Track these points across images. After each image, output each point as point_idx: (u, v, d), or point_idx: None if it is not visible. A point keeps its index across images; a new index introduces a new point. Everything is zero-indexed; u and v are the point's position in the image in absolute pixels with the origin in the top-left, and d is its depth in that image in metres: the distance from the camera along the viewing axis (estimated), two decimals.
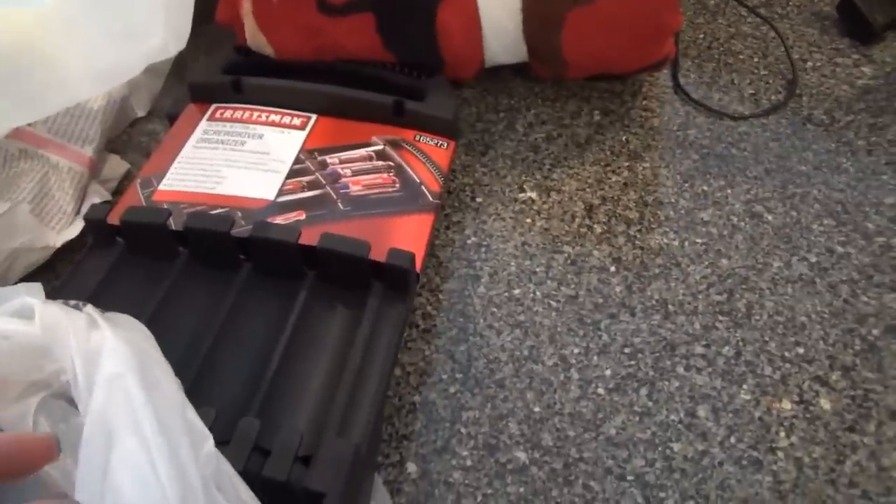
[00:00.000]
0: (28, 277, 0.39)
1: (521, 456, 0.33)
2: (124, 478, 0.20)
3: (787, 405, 0.34)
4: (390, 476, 0.33)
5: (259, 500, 0.24)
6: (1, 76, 0.34)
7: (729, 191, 0.44)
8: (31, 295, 0.25)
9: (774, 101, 0.50)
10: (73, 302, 0.26)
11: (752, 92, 0.50)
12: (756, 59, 0.53)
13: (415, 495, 0.32)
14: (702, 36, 0.55)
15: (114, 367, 0.23)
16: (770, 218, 0.42)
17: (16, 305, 0.24)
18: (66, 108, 0.40)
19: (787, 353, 0.36)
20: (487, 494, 0.32)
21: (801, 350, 0.36)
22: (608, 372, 0.36)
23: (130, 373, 0.22)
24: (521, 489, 0.32)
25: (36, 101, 0.34)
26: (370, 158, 0.41)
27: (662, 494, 0.32)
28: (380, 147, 0.42)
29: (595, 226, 0.42)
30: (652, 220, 0.42)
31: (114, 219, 0.36)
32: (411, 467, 0.33)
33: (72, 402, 0.24)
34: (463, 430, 0.34)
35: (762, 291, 0.39)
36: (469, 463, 0.33)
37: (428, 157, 0.41)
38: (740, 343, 0.37)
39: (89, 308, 0.26)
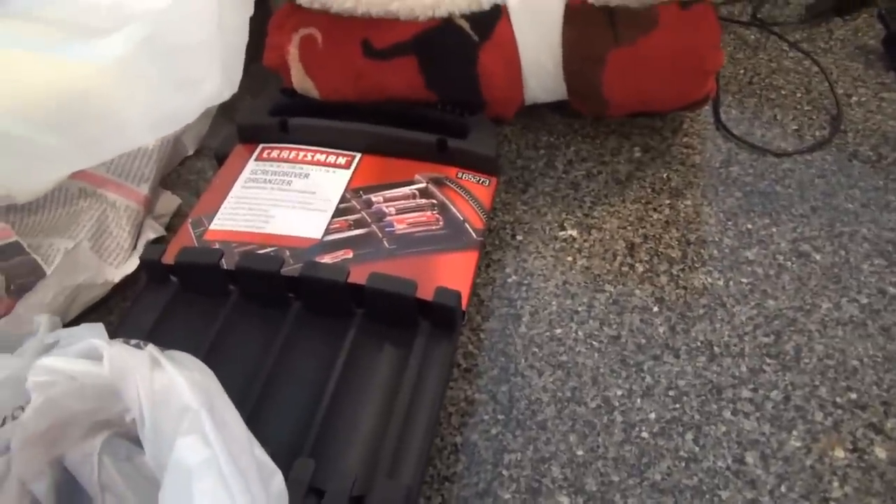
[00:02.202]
0: (86, 312, 0.40)
1: (565, 501, 0.33)
2: None
3: (840, 453, 0.33)
4: None
5: None
6: (67, 123, 0.35)
7: (774, 229, 0.43)
8: (96, 335, 0.27)
9: (819, 137, 0.49)
10: (134, 342, 0.27)
11: (796, 128, 0.50)
12: (799, 95, 0.52)
13: None
14: (742, 71, 0.55)
15: (187, 405, 0.23)
16: (818, 257, 0.42)
17: (83, 346, 0.26)
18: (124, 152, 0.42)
19: (838, 399, 0.35)
20: None
21: (853, 395, 0.35)
22: (652, 415, 0.35)
23: (202, 409, 0.23)
24: None
25: (98, 147, 0.36)
26: (414, 196, 0.42)
27: None
28: (423, 185, 0.42)
29: (637, 265, 0.42)
30: (695, 258, 0.42)
31: (168, 258, 0.37)
32: None
33: (136, 441, 0.25)
34: (505, 473, 0.34)
35: (811, 333, 0.38)
36: None
37: (471, 195, 0.42)
38: (789, 387, 0.36)
39: (150, 347, 0.26)
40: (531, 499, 0.33)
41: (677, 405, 0.36)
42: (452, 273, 0.37)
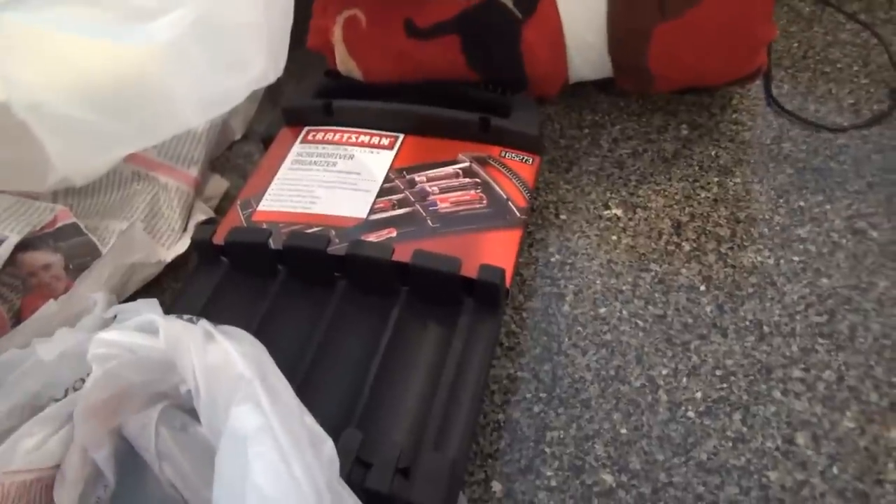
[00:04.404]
0: (140, 291, 0.42)
1: (608, 478, 0.33)
2: (264, 475, 0.22)
3: (895, 434, 0.32)
4: (475, 494, 0.33)
5: None
6: (118, 106, 0.36)
7: (828, 206, 0.42)
8: (151, 310, 0.28)
9: (877, 111, 0.47)
10: (187, 317, 0.28)
11: (852, 102, 0.48)
12: (856, 68, 0.50)
13: None
14: (796, 45, 0.53)
15: (240, 375, 0.24)
16: (875, 234, 0.40)
17: (140, 321, 0.27)
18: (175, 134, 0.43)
19: (894, 379, 0.34)
20: None
21: None
22: (699, 395, 0.35)
23: (256, 380, 0.24)
24: None
25: (150, 129, 0.37)
26: (457, 175, 0.42)
27: None
28: (466, 164, 0.42)
29: (683, 243, 0.41)
30: (744, 237, 0.41)
31: (218, 239, 0.38)
32: (496, 486, 0.33)
33: (191, 412, 0.26)
34: (547, 450, 0.34)
35: (867, 313, 0.37)
36: (554, 484, 0.33)
37: (514, 173, 0.42)
38: (842, 367, 0.35)
39: (203, 322, 0.27)
40: (574, 476, 0.33)
41: (724, 385, 0.35)
42: (496, 251, 0.37)
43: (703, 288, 0.39)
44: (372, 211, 0.40)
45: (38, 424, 0.29)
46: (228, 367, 0.25)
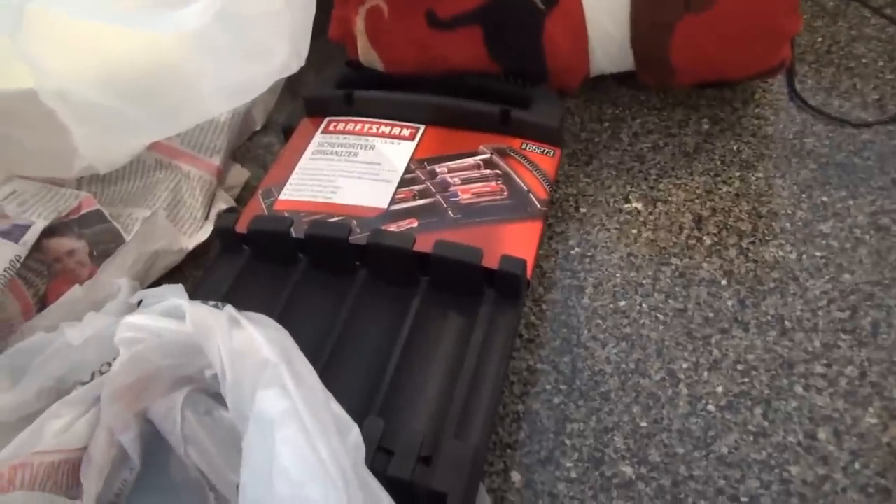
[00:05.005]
0: (162, 278, 0.42)
1: (628, 470, 0.33)
2: (291, 458, 0.22)
3: None
4: (494, 484, 0.33)
5: None
6: (144, 94, 0.37)
7: (851, 202, 0.42)
8: (176, 295, 0.28)
9: None
10: (212, 302, 0.28)
11: (877, 97, 0.47)
12: (881, 63, 0.50)
13: None
14: (820, 39, 0.52)
15: (266, 359, 0.24)
16: None
17: (166, 306, 0.27)
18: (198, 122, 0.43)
19: None
20: None
21: None
22: (719, 389, 0.35)
23: (281, 364, 0.24)
24: None
25: (174, 117, 0.37)
26: (478, 167, 0.42)
27: None
28: (487, 156, 0.42)
29: (705, 237, 0.41)
30: (766, 232, 0.41)
31: (240, 227, 0.39)
32: (515, 476, 0.33)
33: (215, 397, 0.26)
34: (567, 442, 0.34)
35: (890, 309, 0.36)
36: (573, 475, 0.33)
37: (535, 165, 0.42)
38: (865, 363, 0.35)
39: (229, 308, 0.28)
40: (593, 467, 0.33)
41: (746, 379, 0.35)
42: (517, 242, 0.37)
43: (724, 282, 0.39)
44: (393, 201, 0.40)
45: (66, 406, 0.30)
46: (254, 351, 0.26)
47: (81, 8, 0.33)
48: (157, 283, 0.42)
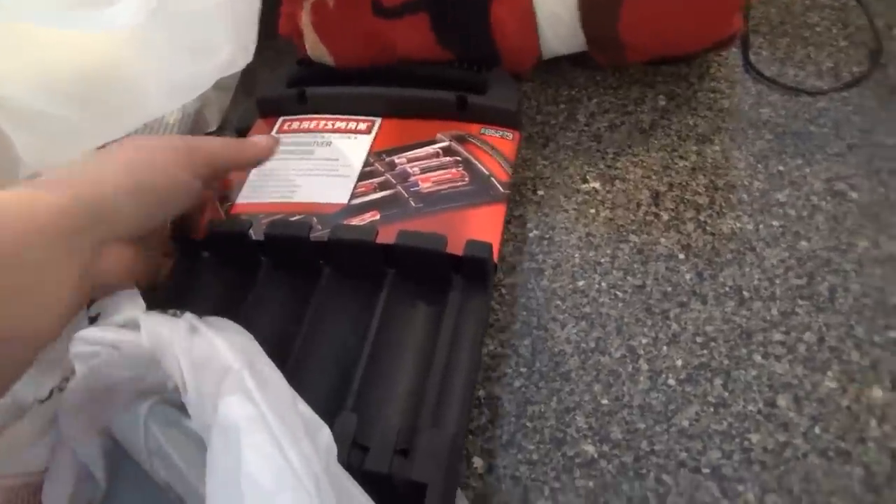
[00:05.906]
0: None
1: (590, 449, 0.33)
2: (259, 465, 0.21)
3: (877, 392, 0.32)
4: None
5: None
6: (86, 96, 0.36)
7: (807, 170, 0.42)
8: (132, 303, 0.27)
9: (856, 73, 0.46)
10: (171, 311, 0.27)
11: (832, 65, 0.47)
12: (835, 31, 0.50)
13: (482, 490, 0.32)
14: (774, 11, 0.52)
15: (228, 366, 0.24)
16: (854, 196, 0.40)
17: (122, 317, 0.26)
18: (144, 123, 0.42)
19: (876, 338, 0.34)
20: (555, 489, 0.32)
21: (892, 334, 0.34)
22: (679, 362, 0.35)
23: (244, 369, 0.23)
24: (591, 483, 0.32)
25: (119, 118, 0.37)
26: (437, 155, 0.41)
27: (741, 487, 0.30)
28: (446, 143, 0.42)
29: (662, 213, 0.41)
30: (723, 204, 0.41)
31: (199, 234, 0.38)
32: (477, 462, 0.33)
33: (181, 408, 0.25)
34: (529, 424, 0.34)
35: (847, 273, 0.36)
36: (535, 457, 0.33)
37: (495, 149, 0.41)
38: (823, 328, 0.35)
39: (188, 315, 0.27)
40: (555, 448, 0.33)
41: (705, 351, 0.35)
42: (481, 227, 0.37)
43: (682, 256, 0.39)
44: (353, 196, 0.40)
45: (24, 427, 0.29)
46: (214, 359, 0.25)
47: (8, 9, 0.32)
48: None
